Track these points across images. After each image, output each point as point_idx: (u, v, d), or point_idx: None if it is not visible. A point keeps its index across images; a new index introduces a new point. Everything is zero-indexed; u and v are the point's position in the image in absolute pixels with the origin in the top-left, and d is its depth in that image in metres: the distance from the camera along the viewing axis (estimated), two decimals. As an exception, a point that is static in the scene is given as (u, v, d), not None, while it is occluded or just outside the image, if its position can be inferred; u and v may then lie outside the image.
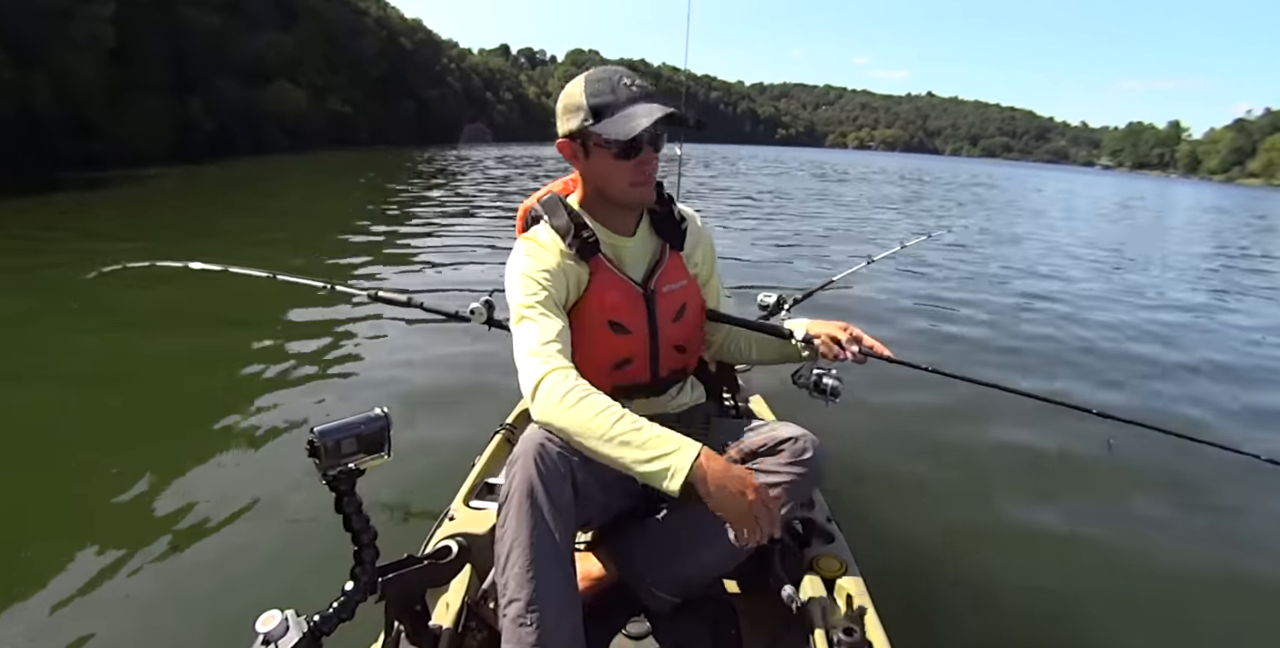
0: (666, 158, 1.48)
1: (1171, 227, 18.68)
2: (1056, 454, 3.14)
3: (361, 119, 44.65)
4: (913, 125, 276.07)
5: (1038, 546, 2.50)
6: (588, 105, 1.23)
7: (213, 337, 4.25)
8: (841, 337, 1.45)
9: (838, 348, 1.44)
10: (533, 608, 1.08)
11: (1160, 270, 9.45)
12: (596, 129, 1.22)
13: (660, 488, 1.04)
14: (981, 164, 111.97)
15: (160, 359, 3.86)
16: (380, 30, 51.73)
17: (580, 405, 1.09)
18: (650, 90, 1.25)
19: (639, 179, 1.28)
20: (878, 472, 2.88)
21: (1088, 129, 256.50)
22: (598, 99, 1.22)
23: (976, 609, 2.10)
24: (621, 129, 1.20)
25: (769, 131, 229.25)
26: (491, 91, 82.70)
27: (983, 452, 3.18)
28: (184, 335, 4.24)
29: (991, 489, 2.88)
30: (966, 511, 2.72)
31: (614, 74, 1.25)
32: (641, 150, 1.25)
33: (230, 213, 11.45)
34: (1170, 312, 6.48)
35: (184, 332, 4.30)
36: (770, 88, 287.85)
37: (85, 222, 10.07)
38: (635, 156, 1.25)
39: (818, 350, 1.47)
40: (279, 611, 0.98)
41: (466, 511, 1.56)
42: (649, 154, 1.26)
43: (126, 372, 3.67)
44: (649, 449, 1.04)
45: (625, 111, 1.20)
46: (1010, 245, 11.10)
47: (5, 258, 6.65)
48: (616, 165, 1.26)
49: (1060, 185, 41.24)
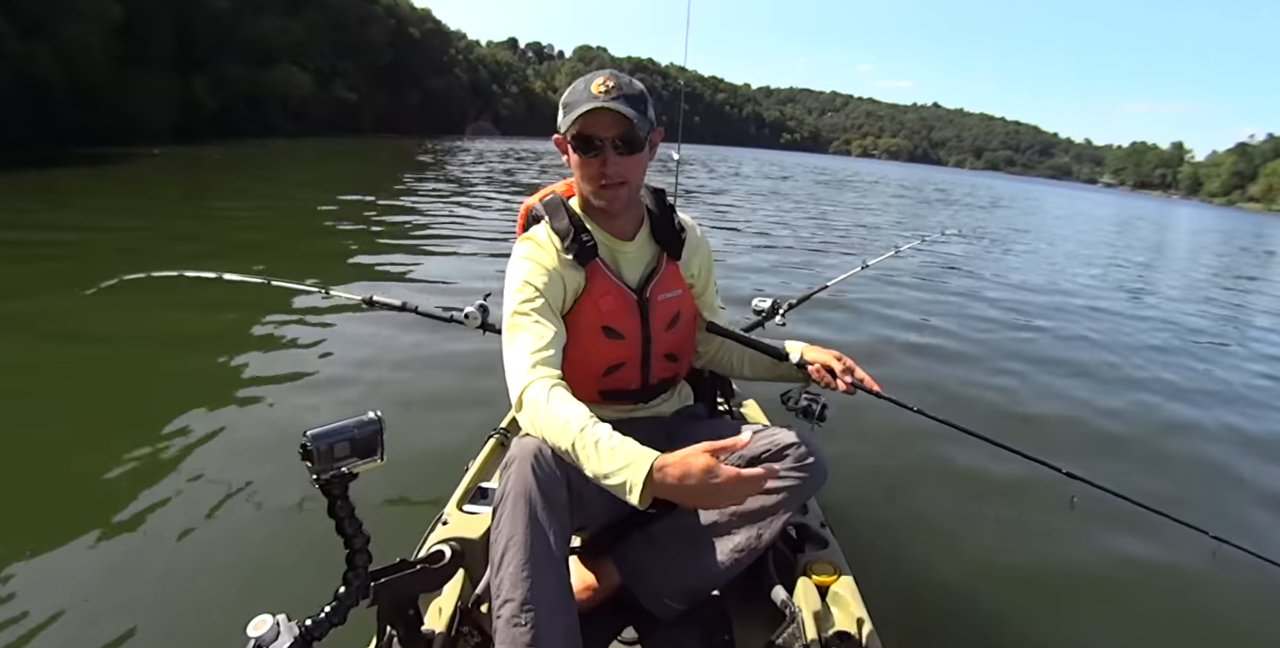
0: (662, 162, 1.49)
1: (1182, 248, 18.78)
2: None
3: (366, 106, 44.50)
4: (917, 135, 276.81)
5: (1029, 551, 2.54)
6: (562, 103, 1.31)
7: (203, 341, 4.18)
8: (836, 367, 1.46)
9: (830, 377, 1.46)
10: (527, 608, 1.08)
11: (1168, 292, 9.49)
12: (560, 123, 1.30)
13: (628, 501, 1.04)
14: (985, 177, 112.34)
15: (151, 364, 3.81)
16: (389, 18, 51.53)
17: (553, 415, 1.12)
18: (622, 93, 1.26)
19: (600, 180, 1.30)
20: (871, 478, 2.91)
21: (1091, 147, 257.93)
22: (569, 97, 1.30)
23: (968, 615, 2.13)
24: (563, 122, 1.28)
25: (774, 135, 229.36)
26: (498, 84, 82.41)
27: (974, 458, 3.16)
28: (174, 340, 4.18)
29: (983, 496, 2.91)
30: (958, 517, 2.74)
31: (596, 76, 1.28)
32: (597, 150, 1.28)
33: (229, 198, 11.42)
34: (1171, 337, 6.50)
35: (175, 337, 4.22)
36: (777, 92, 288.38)
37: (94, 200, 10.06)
38: (591, 154, 1.29)
39: (809, 376, 1.49)
40: (270, 615, 0.97)
41: (460, 515, 1.56)
42: (609, 155, 1.28)
43: (116, 376, 3.61)
44: (606, 464, 1.05)
45: (578, 108, 1.25)
46: (1005, 253, 11.25)
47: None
48: (580, 162, 1.31)
49: (1060, 202, 41.37)
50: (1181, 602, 2.33)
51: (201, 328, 4.37)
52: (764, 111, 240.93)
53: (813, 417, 1.57)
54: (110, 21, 22.36)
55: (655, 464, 1.03)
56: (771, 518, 1.30)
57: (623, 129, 1.26)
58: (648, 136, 1.31)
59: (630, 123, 1.25)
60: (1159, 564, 2.48)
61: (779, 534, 1.35)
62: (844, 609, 1.34)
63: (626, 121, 1.24)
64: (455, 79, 65.24)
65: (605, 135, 1.26)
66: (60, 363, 3.72)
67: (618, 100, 1.24)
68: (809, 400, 1.58)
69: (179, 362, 3.85)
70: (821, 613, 1.31)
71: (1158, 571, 2.46)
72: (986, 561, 2.46)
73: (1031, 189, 61.54)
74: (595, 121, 1.25)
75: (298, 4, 38.21)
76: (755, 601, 1.40)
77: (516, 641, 1.07)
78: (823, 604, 1.35)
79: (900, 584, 2.14)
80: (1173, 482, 3.18)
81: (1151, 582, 2.42)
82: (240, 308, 4.60)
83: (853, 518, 2.40)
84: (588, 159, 1.29)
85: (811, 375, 1.47)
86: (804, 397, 1.58)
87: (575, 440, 1.08)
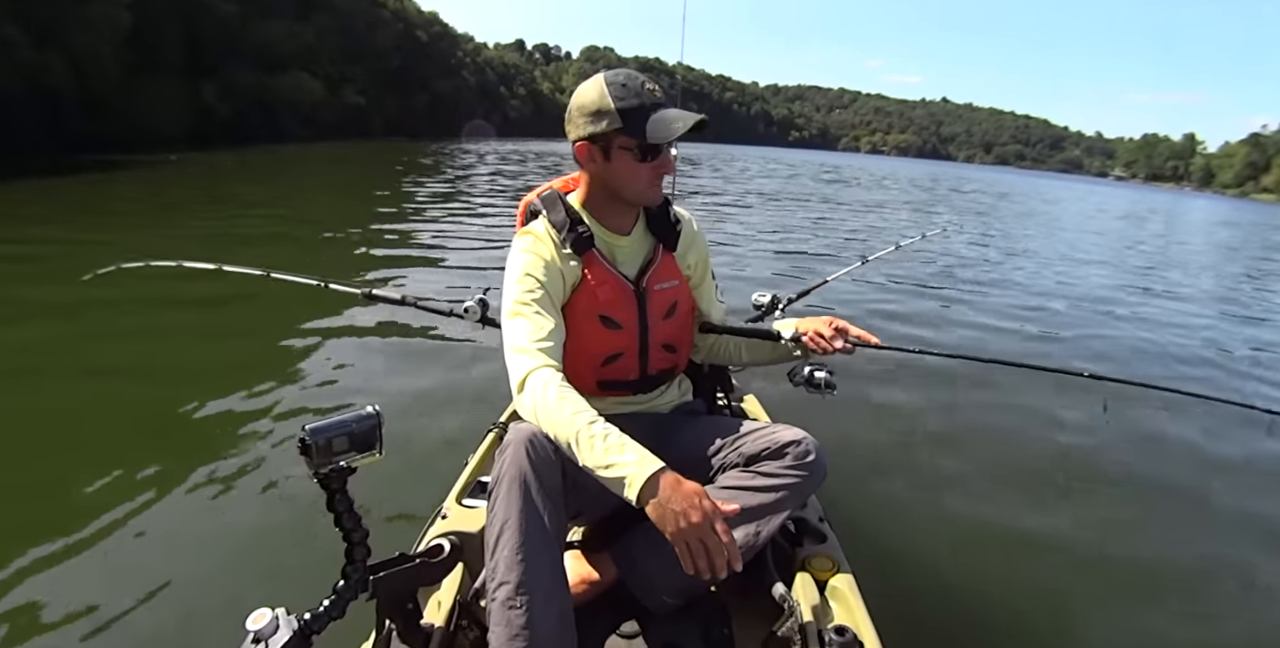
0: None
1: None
2: (1047, 457, 3.19)
3: (375, 110, 44.73)
4: (926, 131, 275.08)
5: (1029, 545, 2.53)
6: (615, 109, 1.24)
7: (202, 334, 4.21)
8: (827, 331, 1.47)
9: (825, 342, 1.47)
10: (521, 591, 1.08)
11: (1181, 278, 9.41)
12: (628, 133, 1.25)
13: (625, 499, 1.05)
14: (995, 172, 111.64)
15: (147, 356, 3.83)
16: (396, 22, 51.75)
17: (557, 405, 1.12)
18: (664, 94, 1.28)
19: (656, 180, 1.34)
20: (870, 472, 2.91)
21: (1102, 139, 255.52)
22: (624, 103, 1.24)
23: (968, 609, 2.13)
24: (659, 133, 1.25)
25: (782, 133, 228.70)
26: (505, 86, 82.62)
27: (974, 453, 3.20)
28: (172, 332, 4.20)
29: (984, 489, 2.91)
30: (958, 510, 2.74)
31: (633, 79, 1.27)
32: (662, 152, 1.30)
33: (241, 203, 11.48)
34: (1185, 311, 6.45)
35: (173, 329, 4.25)
36: (785, 89, 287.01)
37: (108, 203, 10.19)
38: (655, 159, 1.30)
39: (808, 348, 1.49)
40: (269, 609, 0.97)
41: (459, 509, 1.56)
42: (667, 156, 1.32)
43: (111, 369, 3.63)
44: (609, 456, 1.06)
45: (658, 116, 1.25)
46: (1011, 248, 11.16)
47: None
48: (637, 167, 1.30)
49: (1068, 195, 41.03)
50: (1182, 600, 2.30)
51: (198, 321, 4.39)
52: (772, 109, 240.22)
53: (821, 388, 1.59)
54: (120, 29, 22.61)
55: (663, 471, 1.04)
56: (771, 516, 1.30)
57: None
58: None
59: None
60: (1159, 563, 2.48)
61: (777, 530, 1.35)
62: (842, 604, 1.34)
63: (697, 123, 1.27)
64: (463, 81, 65.47)
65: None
66: (55, 358, 3.74)
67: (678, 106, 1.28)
68: (813, 371, 1.60)
69: (175, 355, 3.87)
70: (820, 607, 1.31)
71: (1158, 567, 2.46)
72: (986, 554, 2.45)
73: (1040, 184, 60.98)
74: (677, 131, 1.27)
75: (306, 9, 38.46)
76: (753, 595, 1.40)
77: (511, 623, 1.08)
78: (821, 599, 1.35)
79: (899, 579, 2.13)
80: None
81: (1155, 577, 2.41)
82: (239, 301, 4.60)
83: (852, 513, 2.39)
84: (649, 164, 1.31)
85: (808, 346, 1.48)
86: (808, 369, 1.60)
87: (581, 431, 1.08)
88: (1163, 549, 2.56)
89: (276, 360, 3.81)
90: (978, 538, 2.55)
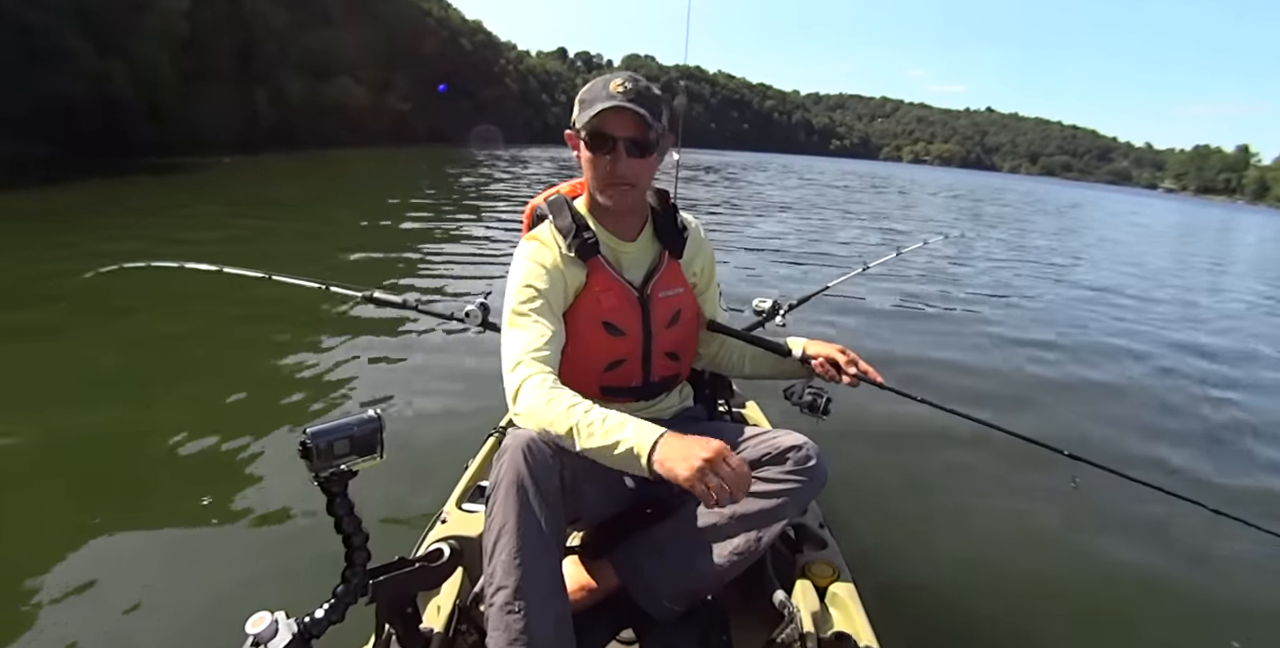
0: (669, 165, 1.51)
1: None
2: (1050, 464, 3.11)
3: (420, 117, 45.55)
4: (970, 141, 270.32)
5: (1028, 553, 2.52)
6: (579, 98, 1.31)
7: (203, 337, 4.22)
8: (840, 360, 1.48)
9: (834, 371, 1.48)
10: (519, 595, 1.09)
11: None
12: (577, 121, 1.29)
13: (639, 473, 1.05)
14: (1039, 183, 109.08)
15: (148, 359, 3.85)
16: (441, 30, 52.73)
17: (551, 403, 1.13)
18: (639, 95, 1.27)
19: (610, 179, 1.31)
20: (870, 479, 2.88)
21: (1152, 150, 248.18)
22: (586, 94, 1.31)
23: (968, 616, 2.11)
24: (580, 118, 1.28)
25: (823, 142, 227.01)
26: (547, 94, 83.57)
27: (974, 459, 3.14)
28: (173, 335, 4.20)
29: (983, 497, 2.88)
30: (958, 517, 2.72)
31: (615, 76, 1.29)
32: (610, 149, 1.28)
33: (282, 206, 11.78)
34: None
35: (173, 331, 4.25)
36: (826, 98, 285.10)
37: (187, 203, 10.71)
38: (603, 153, 1.29)
39: (813, 370, 1.49)
40: (269, 612, 0.98)
41: (459, 513, 1.57)
42: (620, 155, 1.29)
43: (110, 370, 3.66)
44: (612, 436, 1.06)
45: (595, 106, 1.26)
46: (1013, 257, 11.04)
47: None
48: (591, 160, 1.31)
49: (1112, 208, 39.89)
50: (1180, 600, 2.30)
51: (198, 323, 4.39)
52: (813, 118, 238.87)
53: (817, 411, 1.58)
54: (178, 38, 23.35)
55: (666, 434, 1.04)
56: (771, 521, 1.29)
57: (636, 130, 1.27)
58: (659, 141, 1.32)
59: (645, 125, 1.26)
60: (1159, 563, 2.47)
61: (778, 536, 1.34)
62: (842, 610, 1.34)
63: (641, 124, 1.26)
64: (506, 89, 66.38)
65: (619, 135, 1.27)
66: (53, 359, 3.76)
67: (634, 102, 1.25)
68: (813, 395, 1.58)
69: (174, 357, 3.88)
70: (820, 614, 1.31)
71: (1156, 571, 2.43)
72: (985, 561, 2.43)
73: (1086, 195, 59.46)
74: (611, 120, 1.26)
75: (353, 18, 39.36)
76: (753, 601, 1.40)
77: (509, 627, 1.08)
78: (821, 605, 1.34)
79: (899, 585, 2.11)
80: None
81: (1151, 583, 2.38)
82: (239, 303, 4.60)
83: (852, 519, 2.38)
84: (599, 157, 1.30)
85: (815, 370, 1.48)
86: (807, 391, 1.59)
87: (579, 421, 1.09)
88: (1168, 557, 2.51)
89: (277, 362, 3.82)
90: (979, 546, 2.52)
